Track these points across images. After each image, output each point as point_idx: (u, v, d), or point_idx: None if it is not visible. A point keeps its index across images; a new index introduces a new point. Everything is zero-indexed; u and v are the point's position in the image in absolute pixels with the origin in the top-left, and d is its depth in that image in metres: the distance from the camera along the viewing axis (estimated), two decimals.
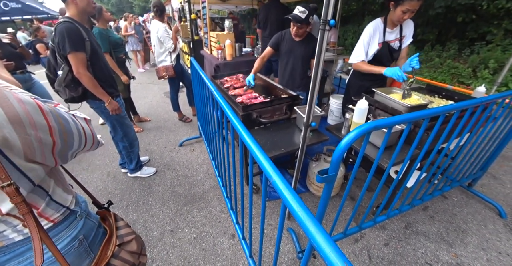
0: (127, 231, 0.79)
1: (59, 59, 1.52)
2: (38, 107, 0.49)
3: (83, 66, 1.52)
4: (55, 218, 0.61)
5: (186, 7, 4.13)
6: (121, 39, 2.93)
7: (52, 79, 1.63)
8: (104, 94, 1.69)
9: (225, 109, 1.13)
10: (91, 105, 1.81)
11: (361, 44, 1.77)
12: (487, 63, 4.71)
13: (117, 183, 2.19)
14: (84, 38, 1.50)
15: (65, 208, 0.64)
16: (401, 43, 1.83)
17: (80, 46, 1.49)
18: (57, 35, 1.43)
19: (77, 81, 1.57)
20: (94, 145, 0.69)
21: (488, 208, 1.83)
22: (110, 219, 0.82)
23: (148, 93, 4.80)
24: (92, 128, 0.67)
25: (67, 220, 0.65)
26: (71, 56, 1.47)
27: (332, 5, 0.93)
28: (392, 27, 1.75)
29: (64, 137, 0.54)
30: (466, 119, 1.25)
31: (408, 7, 1.52)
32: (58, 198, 0.63)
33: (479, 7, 4.89)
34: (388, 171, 1.21)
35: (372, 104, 1.66)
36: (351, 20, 8.25)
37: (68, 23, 1.44)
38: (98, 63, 1.66)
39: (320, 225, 0.49)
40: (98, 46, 1.67)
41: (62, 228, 0.63)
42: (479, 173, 1.87)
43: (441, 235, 1.63)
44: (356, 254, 1.51)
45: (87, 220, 0.70)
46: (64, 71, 1.53)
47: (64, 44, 1.43)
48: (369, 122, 0.93)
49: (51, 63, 1.59)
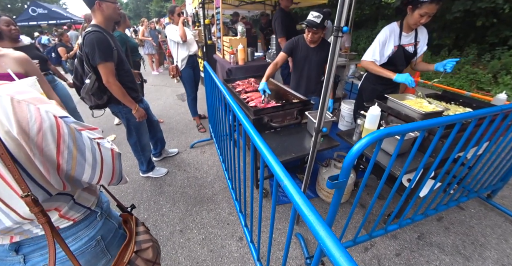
0: (145, 238, 0.80)
1: (86, 68, 1.56)
2: (56, 126, 0.48)
3: (113, 75, 1.57)
4: (76, 217, 0.63)
5: (200, 12, 4.25)
6: (137, 44, 3.06)
7: (78, 87, 1.68)
8: (132, 102, 1.74)
9: (237, 113, 1.15)
10: (113, 109, 1.85)
11: (376, 44, 1.76)
12: (509, 69, 4.52)
13: (129, 182, 2.25)
14: (112, 47, 1.54)
15: (86, 208, 0.66)
16: (415, 48, 1.82)
17: (109, 56, 1.53)
18: (86, 45, 1.46)
19: (103, 90, 1.63)
20: (114, 181, 0.65)
21: (509, 221, 1.74)
22: (131, 222, 0.82)
23: (161, 95, 4.94)
24: (117, 164, 0.64)
25: (87, 220, 0.66)
26: (101, 67, 1.51)
27: (346, 12, 0.94)
28: (408, 31, 1.74)
29: (72, 165, 0.52)
30: (484, 128, 1.21)
31: (426, 10, 1.52)
32: (82, 200, 0.65)
33: (501, 11, 4.71)
34: (401, 179, 1.19)
35: (384, 111, 1.64)
36: (364, 25, 8.17)
37: (98, 33, 1.46)
38: (124, 70, 1.71)
39: (330, 230, 0.50)
40: (122, 52, 1.72)
41: (81, 227, 0.65)
42: (499, 184, 1.79)
43: (457, 248, 1.56)
44: (366, 263, 1.48)
45: (106, 221, 0.72)
46: (91, 80, 1.57)
47: (94, 55, 1.47)
48: (382, 129, 0.93)
49: (78, 71, 1.63)
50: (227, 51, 3.36)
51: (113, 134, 3.21)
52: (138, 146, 2.05)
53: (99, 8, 1.48)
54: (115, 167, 0.63)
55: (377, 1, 7.39)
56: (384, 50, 1.78)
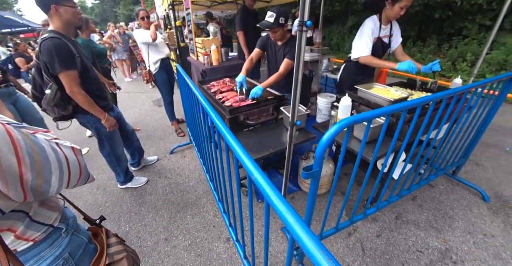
0: (118, 249, 0.77)
1: (46, 77, 1.44)
2: (7, 133, 0.43)
3: (76, 84, 1.46)
4: (35, 237, 0.59)
5: (171, 14, 4.15)
6: (105, 49, 2.92)
7: (38, 98, 1.55)
8: (100, 111, 1.64)
9: (210, 113, 1.14)
10: (80, 120, 1.74)
11: (366, 37, 1.83)
12: (464, 56, 4.93)
13: (107, 195, 2.15)
14: (74, 54, 1.43)
15: (48, 226, 0.61)
16: (390, 40, 1.94)
17: (71, 63, 1.42)
18: (44, 53, 1.34)
19: (67, 100, 1.51)
20: (82, 179, 0.61)
21: (472, 194, 1.90)
22: (102, 235, 0.79)
23: (136, 102, 4.75)
24: (81, 160, 0.60)
25: (50, 238, 0.62)
26: (63, 76, 1.40)
27: (308, 7, 0.97)
28: (386, 23, 1.87)
29: (37, 169, 0.47)
30: (442, 110, 1.31)
31: (406, 3, 1.65)
32: (41, 217, 0.60)
33: (454, 4, 5.12)
34: (373, 163, 1.25)
35: (355, 101, 1.71)
36: (335, 20, 8.45)
37: (56, 40, 1.34)
38: (90, 77, 1.61)
39: (298, 217, 0.51)
40: (87, 59, 1.61)
41: (44, 247, 0.60)
42: (462, 160, 1.94)
43: (430, 222, 1.68)
44: (350, 248, 1.54)
45: (74, 237, 0.68)
46: (52, 90, 1.45)
47: (53, 63, 1.36)
48: (349, 117, 0.97)
49: (36, 81, 1.51)
50: (200, 53, 3.31)
51: (86, 147, 3.03)
52: (112, 156, 1.95)
53: (56, 12, 1.37)
54: (81, 163, 0.59)
55: None
56: (371, 43, 1.87)
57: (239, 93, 1.89)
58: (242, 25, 3.08)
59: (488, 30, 4.91)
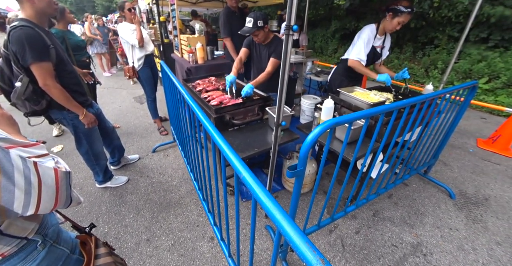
0: (106, 261, 0.72)
1: (15, 69, 1.33)
2: None
3: (51, 77, 1.37)
4: (4, 251, 0.54)
5: (154, 8, 4.01)
6: (83, 42, 2.76)
7: (7, 91, 1.43)
8: (78, 107, 1.55)
9: (196, 112, 1.13)
10: (55, 116, 1.62)
11: (362, 44, 1.91)
12: (436, 64, 5.32)
13: (84, 195, 2.04)
14: (48, 45, 1.34)
15: (21, 239, 0.56)
16: (381, 51, 2.04)
17: (45, 55, 1.32)
18: (13, 43, 1.24)
19: (39, 94, 1.41)
20: (59, 204, 0.54)
21: (441, 191, 2.07)
22: (91, 244, 0.73)
23: (116, 98, 4.54)
24: (62, 184, 0.53)
25: (23, 252, 0.57)
26: (35, 67, 1.30)
27: (295, 12, 1.00)
28: (381, 34, 1.95)
29: None
30: (416, 114, 1.41)
31: (404, 19, 1.73)
32: (13, 229, 0.54)
33: (427, 15, 5.51)
34: (353, 163, 1.32)
35: (338, 103, 1.79)
36: (319, 24, 8.70)
37: (27, 28, 1.25)
38: (66, 71, 1.51)
39: (284, 212, 0.53)
40: (63, 51, 1.51)
41: (15, 262, 0.55)
42: (432, 161, 2.11)
43: (404, 219, 1.80)
44: (331, 244, 1.61)
45: (53, 249, 0.63)
46: (23, 83, 1.34)
47: (24, 54, 1.26)
48: (332, 119, 1.01)
49: (5, 73, 1.39)
50: (185, 50, 3.25)
51: (60, 144, 2.85)
52: (90, 155, 1.85)
53: (29, 0, 1.27)
54: (59, 190, 0.52)
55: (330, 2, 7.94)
56: (366, 49, 1.94)
57: (228, 92, 1.90)
58: (227, 31, 2.88)
59: (456, 41, 5.35)
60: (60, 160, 0.57)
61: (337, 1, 7.46)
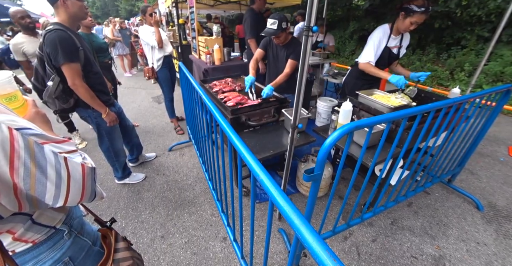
0: (125, 255, 0.74)
1: (48, 69, 1.44)
2: (9, 139, 0.42)
3: (79, 77, 1.47)
4: (35, 239, 0.57)
5: (173, 11, 4.14)
6: (106, 44, 2.90)
7: (40, 89, 1.55)
8: (101, 105, 1.64)
9: (214, 113, 1.15)
10: (81, 114, 1.74)
11: (371, 46, 1.86)
12: (462, 66, 5.01)
13: (104, 190, 2.13)
14: (78, 47, 1.44)
15: (50, 228, 0.59)
16: (399, 51, 1.96)
17: (75, 56, 1.42)
18: (48, 45, 1.35)
19: (68, 93, 1.51)
20: (84, 198, 0.56)
21: (467, 202, 1.94)
22: (111, 238, 0.76)
23: (136, 98, 4.72)
24: (88, 180, 0.55)
25: (51, 240, 0.60)
26: (66, 68, 1.40)
27: (315, 12, 0.99)
28: (396, 34, 1.87)
29: (30, 184, 0.45)
30: (441, 119, 1.34)
31: (417, 19, 1.65)
32: (44, 219, 0.58)
33: (454, 14, 5.21)
34: (372, 168, 1.27)
35: (356, 106, 1.74)
36: (337, 25, 8.53)
37: (60, 32, 1.36)
38: (92, 72, 1.61)
39: (304, 218, 0.52)
40: (90, 53, 1.62)
41: (44, 249, 0.58)
42: (457, 169, 1.98)
43: (425, 229, 1.70)
44: (345, 251, 1.55)
45: (77, 239, 0.66)
46: (54, 82, 1.45)
47: (56, 55, 1.36)
48: (351, 123, 0.98)
49: (38, 72, 1.51)
50: (203, 52, 3.31)
51: (84, 141, 3.00)
52: (111, 152, 1.94)
53: (63, 4, 1.37)
54: (85, 185, 0.54)
55: (348, 3, 7.77)
56: (377, 51, 1.88)
57: (249, 93, 1.94)
58: (253, 32, 2.89)
59: (486, 42, 5.00)
60: (87, 156, 0.60)
61: (356, 2, 7.29)
